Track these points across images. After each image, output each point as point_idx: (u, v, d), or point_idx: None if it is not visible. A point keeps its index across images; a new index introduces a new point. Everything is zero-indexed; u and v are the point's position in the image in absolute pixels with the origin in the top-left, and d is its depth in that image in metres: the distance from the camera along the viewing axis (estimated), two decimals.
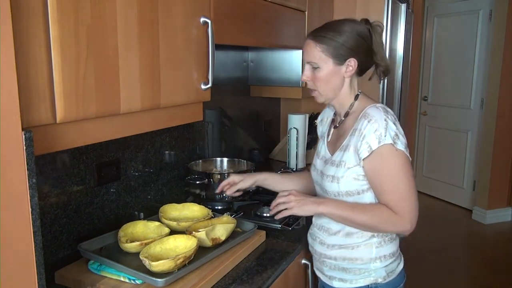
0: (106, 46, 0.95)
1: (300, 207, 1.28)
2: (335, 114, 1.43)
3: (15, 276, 0.71)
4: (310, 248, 1.43)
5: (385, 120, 1.21)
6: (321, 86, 1.29)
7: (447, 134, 4.64)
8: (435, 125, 4.77)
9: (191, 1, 1.21)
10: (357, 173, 1.24)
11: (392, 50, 2.56)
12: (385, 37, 2.44)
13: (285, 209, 1.30)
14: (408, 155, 1.22)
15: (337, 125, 1.37)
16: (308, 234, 1.45)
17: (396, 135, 1.20)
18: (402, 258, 1.38)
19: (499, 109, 4.02)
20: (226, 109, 2.18)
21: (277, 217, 1.32)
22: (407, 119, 3.55)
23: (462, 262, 3.50)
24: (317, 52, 1.26)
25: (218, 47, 1.37)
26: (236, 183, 1.50)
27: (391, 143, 1.18)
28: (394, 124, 1.22)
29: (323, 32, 1.27)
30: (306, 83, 1.34)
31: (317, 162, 1.41)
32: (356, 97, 1.32)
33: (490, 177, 4.13)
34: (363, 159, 1.21)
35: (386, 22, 2.43)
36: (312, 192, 1.47)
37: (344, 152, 1.26)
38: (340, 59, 1.26)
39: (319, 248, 1.36)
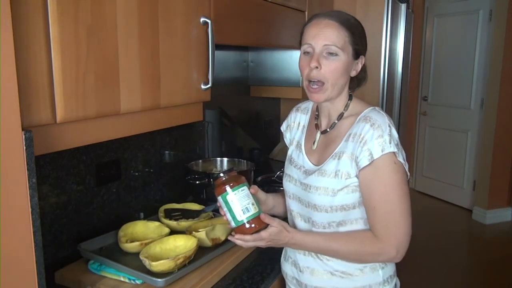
0: (106, 46, 0.95)
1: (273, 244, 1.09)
2: (316, 117, 1.23)
3: (15, 276, 0.71)
4: (289, 281, 1.24)
5: (389, 126, 1.06)
6: (334, 77, 1.09)
7: (447, 134, 4.64)
8: (435, 125, 4.77)
9: (191, 1, 1.21)
10: (355, 185, 1.08)
11: (392, 50, 2.56)
12: (385, 37, 2.44)
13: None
14: (407, 170, 1.07)
15: (328, 129, 1.17)
16: (287, 263, 1.24)
17: (397, 144, 1.05)
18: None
19: (499, 109, 4.02)
20: (226, 109, 2.18)
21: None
22: (407, 119, 3.54)
23: (462, 262, 3.50)
24: (342, 37, 1.07)
25: (218, 47, 1.37)
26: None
27: (394, 152, 1.03)
28: (397, 132, 1.08)
29: (346, 18, 1.10)
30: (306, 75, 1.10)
31: (294, 172, 1.21)
32: (350, 98, 1.17)
33: (490, 177, 4.13)
34: (361, 169, 1.05)
35: (386, 22, 2.43)
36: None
37: (339, 161, 1.08)
38: (357, 53, 1.11)
39: (310, 280, 1.16)
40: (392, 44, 2.52)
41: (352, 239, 1.09)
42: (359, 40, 1.11)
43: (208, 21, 1.25)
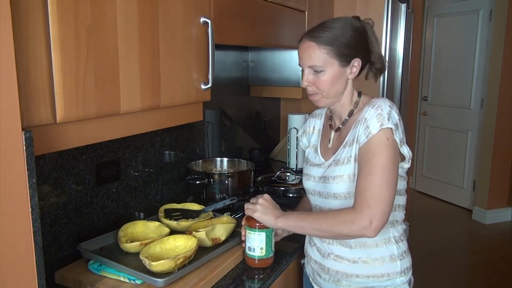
0: (106, 46, 0.95)
1: (261, 215, 1.23)
2: (330, 118, 1.33)
3: (15, 276, 0.71)
4: (312, 264, 1.32)
5: (390, 107, 1.14)
6: (326, 89, 1.19)
7: (447, 134, 4.64)
8: (435, 125, 4.77)
9: (191, 1, 1.21)
10: None
11: (392, 50, 2.56)
12: (385, 37, 2.44)
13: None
14: (409, 156, 1.16)
15: (340, 126, 1.26)
16: (311, 247, 1.33)
17: (396, 124, 1.12)
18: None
19: (499, 109, 4.02)
20: (226, 109, 2.18)
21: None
22: (407, 119, 3.55)
23: (462, 262, 3.50)
24: (321, 55, 1.16)
25: (218, 47, 1.37)
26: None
27: (391, 128, 1.10)
28: (398, 116, 1.14)
29: (323, 32, 1.17)
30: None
31: (311, 170, 1.30)
32: (359, 94, 1.25)
33: (490, 177, 4.13)
34: (361, 146, 1.12)
35: (386, 22, 2.43)
36: None
37: (350, 147, 1.17)
38: (345, 60, 1.17)
39: (333, 265, 1.24)
40: (392, 44, 2.52)
41: (332, 211, 1.16)
42: (344, 49, 1.16)
43: (208, 21, 1.25)
